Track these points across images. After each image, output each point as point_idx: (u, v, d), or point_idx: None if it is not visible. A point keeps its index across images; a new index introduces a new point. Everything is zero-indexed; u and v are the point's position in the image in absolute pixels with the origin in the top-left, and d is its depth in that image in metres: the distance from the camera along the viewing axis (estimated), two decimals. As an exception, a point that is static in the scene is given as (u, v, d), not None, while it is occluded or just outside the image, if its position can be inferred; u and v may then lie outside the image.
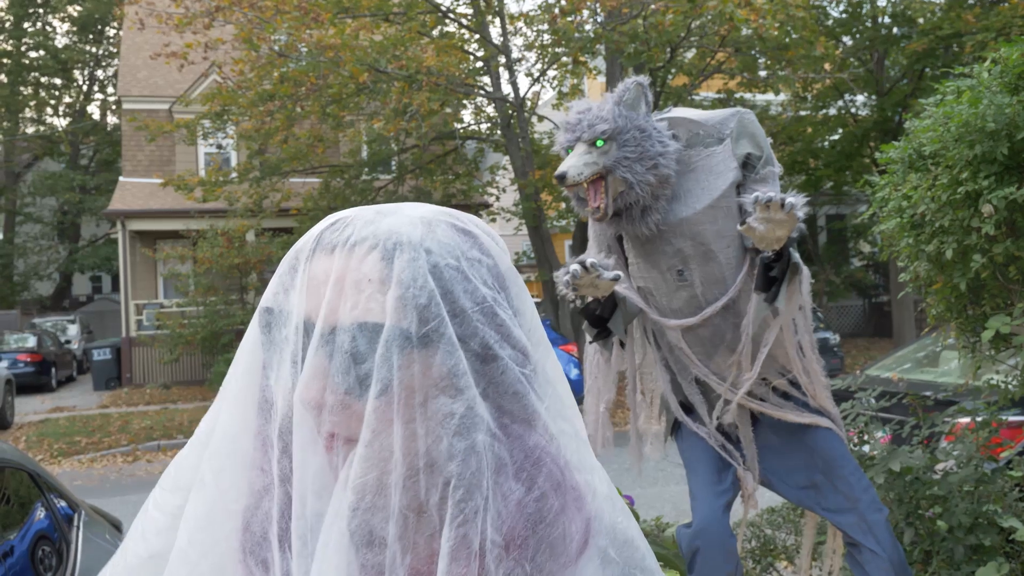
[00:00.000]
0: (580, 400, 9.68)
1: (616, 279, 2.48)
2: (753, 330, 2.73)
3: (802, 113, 18.78)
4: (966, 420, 3.92)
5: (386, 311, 0.73)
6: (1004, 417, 3.79)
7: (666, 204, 2.66)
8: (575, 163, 2.56)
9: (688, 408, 2.99)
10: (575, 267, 2.49)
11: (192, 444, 0.87)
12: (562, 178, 2.55)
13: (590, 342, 2.89)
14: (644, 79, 2.69)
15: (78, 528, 3.77)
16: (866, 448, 3.90)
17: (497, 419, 0.77)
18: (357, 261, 0.76)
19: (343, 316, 0.74)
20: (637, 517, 3.81)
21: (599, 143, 2.57)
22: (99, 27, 35.40)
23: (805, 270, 2.66)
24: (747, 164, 2.71)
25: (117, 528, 4.34)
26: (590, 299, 2.71)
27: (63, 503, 3.81)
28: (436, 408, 0.74)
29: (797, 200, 2.37)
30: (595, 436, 3.11)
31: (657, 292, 2.82)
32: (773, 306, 2.63)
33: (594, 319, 2.77)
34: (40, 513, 3.58)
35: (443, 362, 0.74)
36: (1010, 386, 3.49)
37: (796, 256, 2.58)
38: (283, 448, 0.77)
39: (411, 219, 0.79)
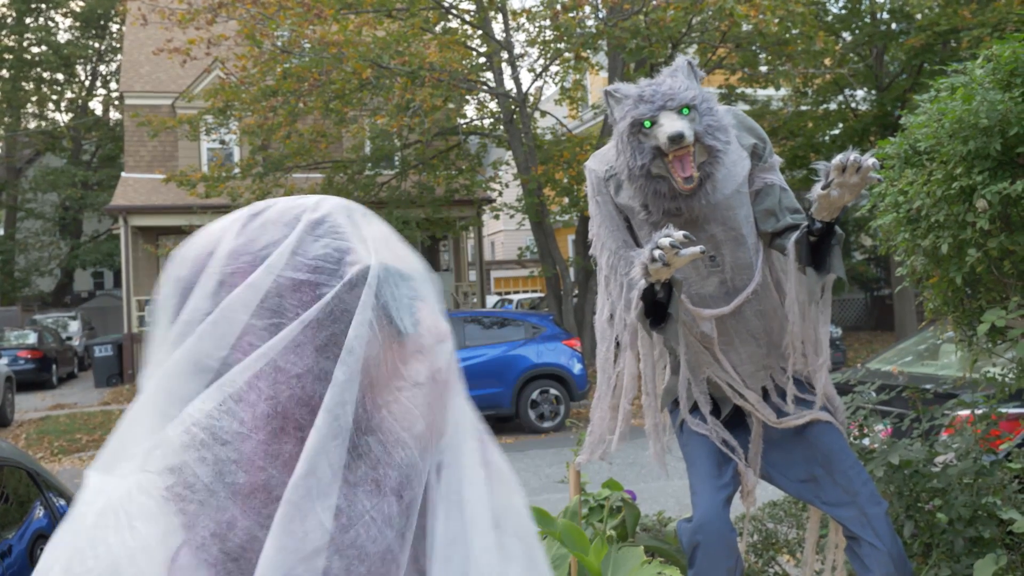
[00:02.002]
0: (584, 395, 9.67)
1: (703, 251, 2.37)
2: (797, 308, 2.76)
3: (803, 108, 18.80)
4: (965, 413, 3.95)
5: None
6: (1003, 410, 3.81)
7: (711, 188, 2.63)
8: (682, 125, 2.49)
9: (692, 406, 3.01)
10: (665, 241, 2.34)
11: None
12: (680, 137, 2.45)
13: (649, 331, 2.78)
14: (692, 58, 2.70)
15: None
16: (866, 441, 3.92)
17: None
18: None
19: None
20: (639, 512, 3.85)
21: (684, 111, 2.53)
22: (102, 22, 35.38)
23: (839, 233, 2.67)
24: (754, 154, 2.75)
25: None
26: (654, 282, 2.54)
27: (62, 501, 3.81)
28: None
29: (874, 161, 2.37)
30: (595, 432, 3.14)
31: (687, 280, 2.78)
32: (826, 276, 2.64)
33: (653, 305, 2.63)
34: (39, 512, 3.59)
35: None
36: (1007, 379, 3.52)
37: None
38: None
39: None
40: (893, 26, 17.61)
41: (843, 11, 18.14)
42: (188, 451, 0.67)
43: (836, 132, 19.44)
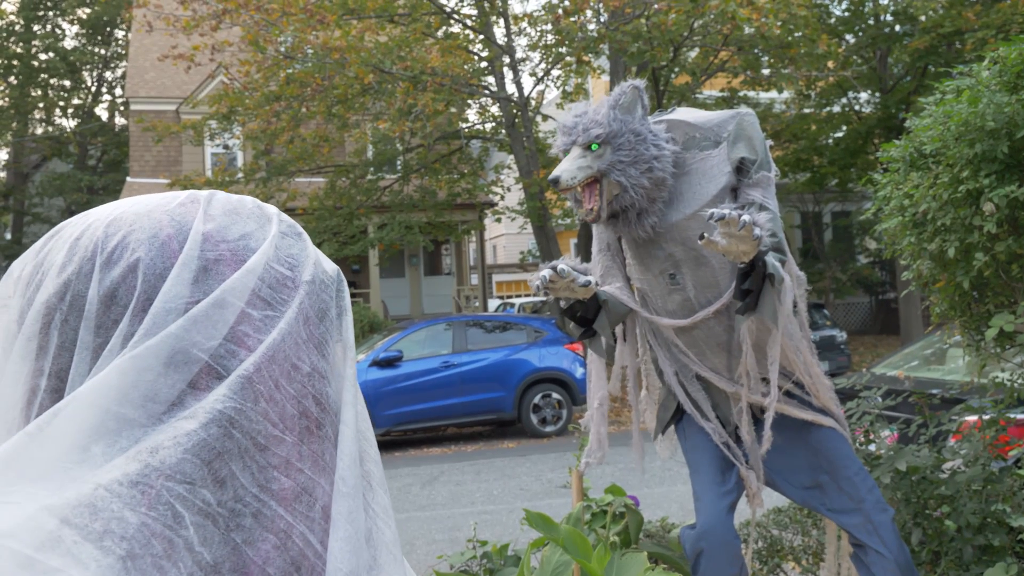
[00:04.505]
0: (585, 399, 9.68)
1: (588, 284, 2.52)
2: (752, 339, 2.72)
3: (806, 111, 18.77)
4: (973, 418, 3.91)
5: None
6: (1012, 415, 3.78)
7: (663, 207, 2.67)
8: (569, 167, 2.58)
9: (693, 405, 2.99)
10: (546, 272, 2.51)
11: None
12: (555, 182, 2.57)
13: (575, 340, 2.93)
14: (640, 83, 2.70)
15: None
16: (872, 447, 3.89)
17: None
18: None
19: None
20: (642, 518, 3.82)
21: (594, 147, 2.59)
22: (108, 29, 35.50)
23: (787, 279, 2.60)
24: (741, 168, 2.71)
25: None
26: (573, 301, 2.74)
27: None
28: None
29: (758, 218, 2.31)
30: (593, 434, 3.13)
31: (652, 294, 2.84)
32: (755, 315, 2.57)
33: (579, 320, 2.80)
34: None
35: None
36: (1016, 384, 3.49)
37: (774, 266, 2.47)
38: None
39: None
40: (897, 28, 17.60)
41: (846, 13, 18.12)
42: (230, 459, 0.60)
43: (840, 135, 19.42)
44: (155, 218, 0.67)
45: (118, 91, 36.27)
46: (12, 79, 33.36)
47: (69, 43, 35.50)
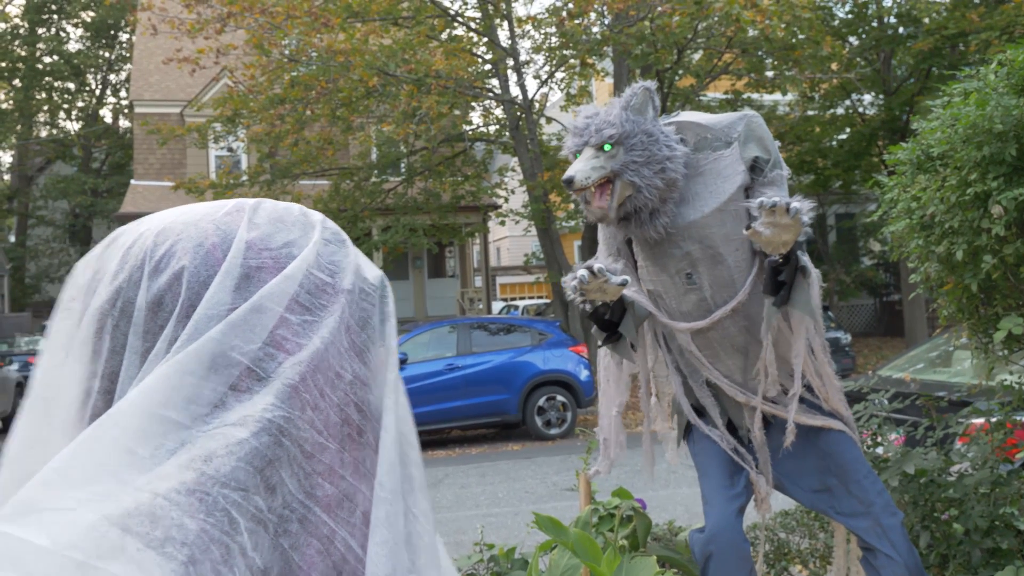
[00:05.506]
0: (591, 401, 9.67)
1: (624, 284, 2.49)
2: (772, 336, 2.73)
3: (810, 113, 18.77)
4: (980, 421, 3.91)
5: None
6: (1019, 418, 3.77)
7: (674, 207, 2.67)
8: (582, 167, 2.57)
9: (700, 411, 2.99)
10: (583, 272, 2.48)
11: None
12: (569, 182, 2.56)
13: (599, 346, 2.89)
14: (651, 84, 2.71)
15: None
16: (880, 450, 3.88)
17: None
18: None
19: None
20: (650, 521, 3.82)
21: (607, 147, 2.59)
22: (112, 32, 35.58)
23: (815, 272, 2.65)
24: (755, 167, 2.72)
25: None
26: (599, 303, 2.70)
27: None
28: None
29: (803, 205, 2.36)
30: (609, 440, 3.12)
31: (666, 295, 2.82)
32: (784, 309, 2.62)
33: (604, 323, 2.77)
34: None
35: None
36: None
37: (805, 259, 2.56)
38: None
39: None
40: (900, 30, 17.58)
41: (850, 16, 18.12)
42: (280, 467, 0.61)
43: (843, 137, 19.41)
44: (202, 227, 0.69)
45: (122, 94, 36.36)
46: (16, 82, 33.46)
47: (73, 46, 35.60)
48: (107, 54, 36.44)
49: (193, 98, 20.19)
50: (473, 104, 15.85)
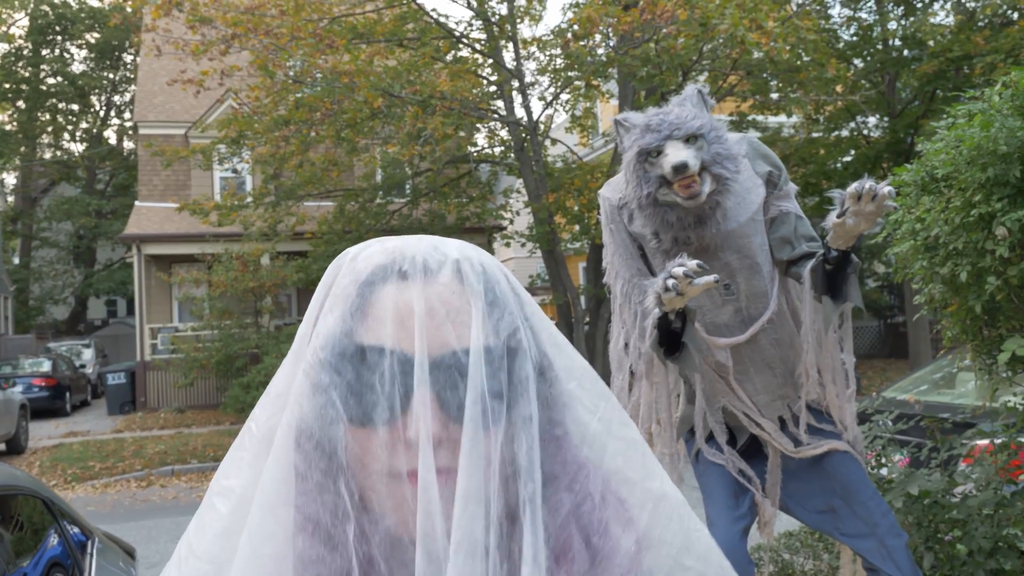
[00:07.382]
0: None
1: (716, 279, 2.34)
2: (813, 337, 2.74)
3: (815, 135, 18.79)
4: (984, 442, 3.90)
5: (472, 332, 0.74)
6: (1022, 439, 3.76)
7: (722, 216, 2.63)
8: (685, 154, 2.47)
9: (707, 436, 2.97)
10: (679, 270, 2.31)
11: (248, 435, 0.82)
12: (684, 167, 2.45)
13: (664, 360, 2.77)
14: (704, 87, 2.69)
15: (91, 555, 3.76)
16: (884, 471, 3.87)
17: (549, 430, 0.77)
18: (440, 288, 0.76)
19: (440, 345, 0.74)
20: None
21: (691, 140, 2.52)
22: (116, 54, 35.81)
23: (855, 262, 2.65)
24: (770, 181, 2.74)
25: (131, 555, 4.32)
26: (669, 313, 2.53)
27: (76, 529, 3.80)
28: (517, 413, 0.74)
29: (890, 189, 2.34)
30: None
31: (702, 309, 2.77)
32: (843, 304, 2.65)
33: (668, 334, 2.62)
34: (53, 540, 3.57)
35: (521, 367, 0.75)
36: (1028, 408, 3.48)
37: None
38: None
39: (460, 244, 0.82)
40: (905, 53, 17.62)
41: (854, 38, 18.17)
42: None
43: (848, 159, 19.42)
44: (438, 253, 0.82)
45: (126, 115, 36.54)
46: (20, 103, 33.64)
47: (77, 67, 35.81)
48: (111, 75, 36.65)
49: (197, 119, 20.28)
50: (478, 125, 15.89)
